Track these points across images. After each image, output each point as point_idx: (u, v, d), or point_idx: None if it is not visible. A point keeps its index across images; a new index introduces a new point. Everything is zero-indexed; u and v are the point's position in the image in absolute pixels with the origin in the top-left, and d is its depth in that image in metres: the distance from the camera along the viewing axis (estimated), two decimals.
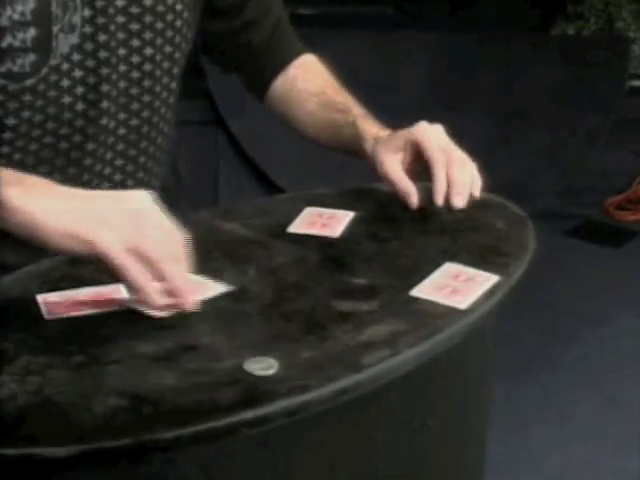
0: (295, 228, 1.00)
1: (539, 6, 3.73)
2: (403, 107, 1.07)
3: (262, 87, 1.23)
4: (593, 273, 2.77)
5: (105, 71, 1.00)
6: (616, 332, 2.46)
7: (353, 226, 1.00)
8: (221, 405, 0.67)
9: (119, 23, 1.00)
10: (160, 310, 0.78)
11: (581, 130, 3.34)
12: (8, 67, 0.93)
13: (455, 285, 0.86)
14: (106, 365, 0.72)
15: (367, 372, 0.71)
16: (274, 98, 1.22)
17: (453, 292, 0.85)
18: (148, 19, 1.02)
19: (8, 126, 0.97)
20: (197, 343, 0.74)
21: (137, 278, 0.76)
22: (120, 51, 1.01)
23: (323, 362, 0.72)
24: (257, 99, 1.25)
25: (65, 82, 0.98)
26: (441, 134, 1.03)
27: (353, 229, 1.00)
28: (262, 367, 0.71)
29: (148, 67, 1.04)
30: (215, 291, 0.84)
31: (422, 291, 0.85)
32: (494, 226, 0.98)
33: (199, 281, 0.84)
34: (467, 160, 1.01)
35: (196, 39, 1.13)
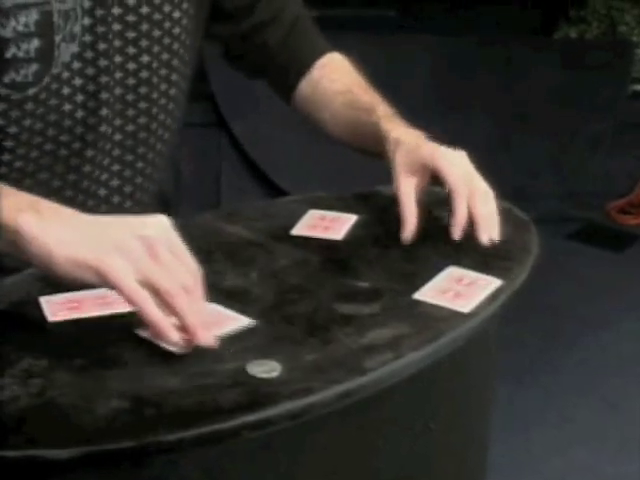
0: (298, 231, 1.00)
1: (541, 9, 3.74)
2: (404, 110, 1.06)
3: (288, 90, 1.20)
4: (595, 277, 2.77)
5: (104, 79, 1.00)
6: (618, 336, 2.46)
7: (356, 229, 1.00)
8: (224, 408, 0.67)
9: (115, 31, 1.00)
10: (175, 346, 0.74)
11: (583, 134, 3.34)
12: (12, 77, 0.94)
13: (458, 289, 0.86)
14: (108, 367, 0.72)
15: (370, 375, 0.71)
16: (300, 100, 1.19)
17: (456, 296, 0.85)
18: (144, 27, 1.02)
19: (10, 134, 0.97)
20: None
21: (150, 313, 0.73)
22: (116, 58, 1.01)
23: (326, 365, 0.72)
24: (285, 102, 1.22)
25: (65, 90, 0.98)
26: (465, 163, 0.98)
27: (356, 232, 1.00)
28: (265, 370, 0.71)
29: (144, 74, 1.04)
30: (234, 326, 0.78)
31: (425, 295, 0.85)
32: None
33: (218, 312, 0.79)
34: (490, 193, 0.97)
35: (201, 45, 1.13)
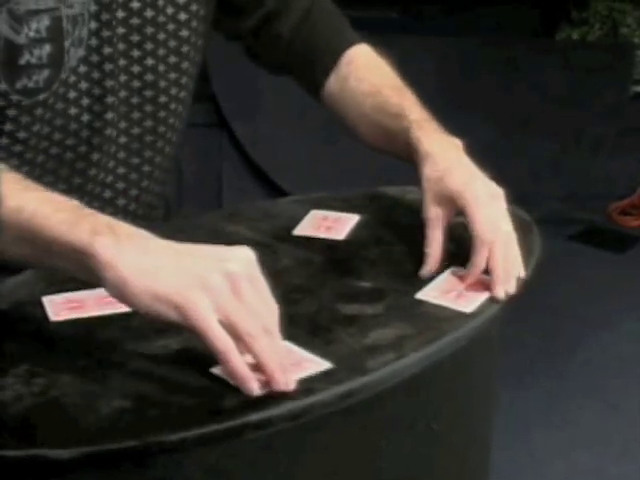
0: (300, 231, 1.00)
1: (543, 11, 3.74)
2: None
3: (315, 87, 1.13)
4: (596, 278, 2.76)
5: (109, 83, 1.00)
6: (619, 337, 2.45)
7: (358, 229, 1.00)
8: (226, 408, 0.67)
9: (120, 34, 0.99)
10: (250, 391, 0.69)
11: (585, 136, 3.34)
12: (24, 83, 0.93)
13: (460, 289, 0.86)
14: (111, 367, 0.72)
15: (372, 375, 0.71)
16: (328, 99, 1.13)
17: (458, 296, 0.85)
18: (149, 30, 1.02)
19: (19, 139, 0.97)
20: (202, 345, 0.74)
21: (234, 363, 0.68)
22: (121, 62, 1.01)
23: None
24: (315, 100, 1.15)
25: (72, 94, 0.98)
26: (494, 204, 0.91)
27: (358, 232, 1.00)
28: None
29: (150, 77, 1.04)
30: (311, 369, 0.72)
31: (427, 295, 0.85)
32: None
33: (294, 353, 0.74)
34: (513, 239, 0.89)
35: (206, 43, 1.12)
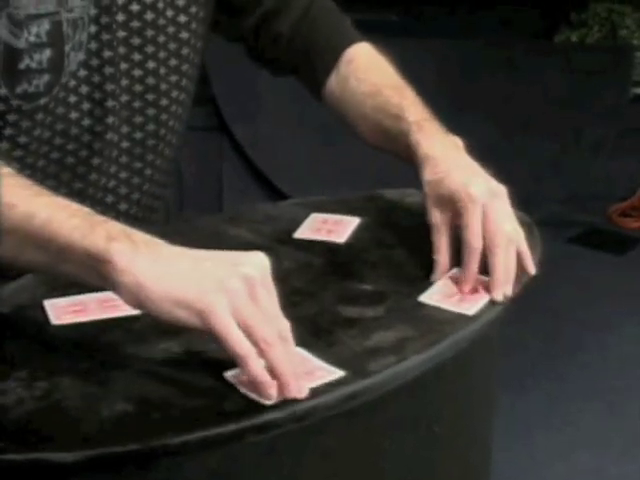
0: (301, 234, 1.00)
1: (543, 14, 3.74)
2: None
3: (317, 87, 1.13)
4: (596, 280, 2.77)
5: (110, 87, 1.00)
6: (620, 339, 2.46)
7: (359, 232, 1.00)
8: (229, 410, 0.67)
9: (120, 38, 0.99)
10: (269, 397, 0.68)
11: (585, 137, 3.35)
12: (24, 88, 0.93)
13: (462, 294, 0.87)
14: (113, 370, 0.72)
15: (374, 378, 0.71)
16: (329, 99, 1.12)
17: (461, 300, 0.85)
18: (149, 33, 1.01)
19: (20, 144, 0.96)
20: (204, 348, 0.74)
21: (254, 368, 0.68)
22: (122, 65, 1.00)
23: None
24: (317, 100, 1.15)
25: (72, 98, 0.98)
26: (494, 207, 0.89)
27: (359, 235, 1.00)
28: None
29: (151, 81, 1.04)
30: (324, 378, 0.71)
31: (430, 298, 0.86)
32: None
33: (307, 361, 0.74)
34: (512, 242, 0.88)
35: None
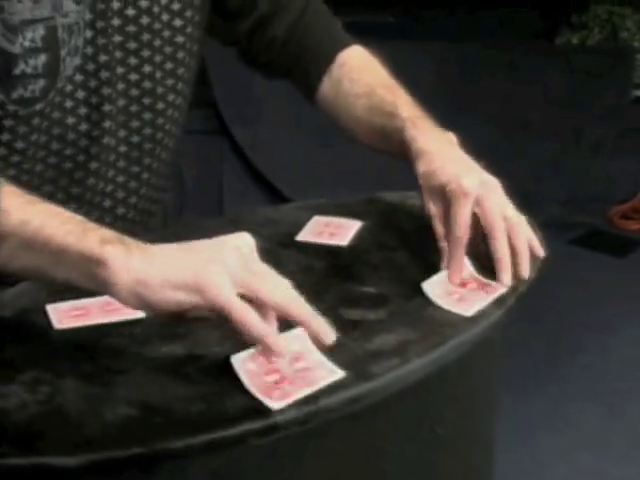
0: (303, 237, 1.00)
1: (543, 16, 3.74)
2: None
3: (310, 91, 1.14)
4: (598, 282, 2.77)
5: (107, 91, 1.00)
6: (621, 341, 2.46)
7: (361, 235, 1.00)
8: (231, 414, 0.67)
9: (116, 42, 0.99)
10: (281, 353, 0.71)
11: (585, 139, 3.35)
12: (20, 93, 0.93)
13: (462, 292, 0.87)
14: (116, 374, 0.73)
15: (377, 381, 0.72)
16: (323, 103, 1.13)
17: (460, 299, 0.85)
18: (145, 37, 1.01)
19: (17, 149, 0.96)
20: (207, 352, 0.75)
21: (257, 327, 0.70)
22: (118, 70, 1.00)
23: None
24: (311, 104, 1.15)
25: (69, 103, 0.98)
26: (500, 194, 0.92)
27: (360, 238, 1.00)
28: None
29: (148, 85, 1.04)
30: (326, 379, 0.71)
31: (433, 291, 0.86)
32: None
33: (311, 353, 0.74)
34: (522, 221, 0.91)
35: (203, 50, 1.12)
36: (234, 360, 0.72)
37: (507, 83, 3.32)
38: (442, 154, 0.95)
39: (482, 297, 0.86)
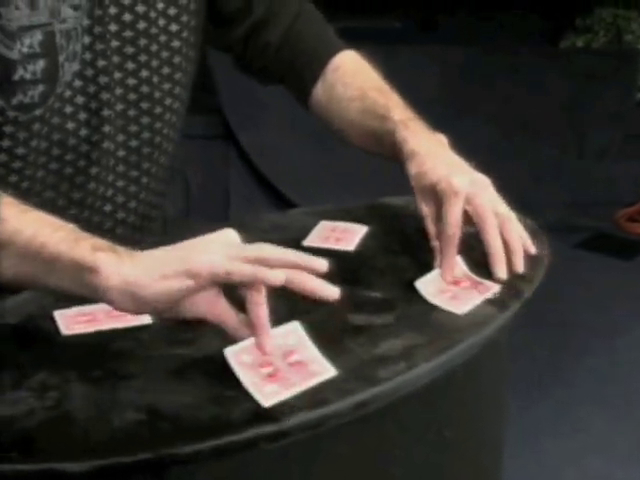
0: (310, 242, 1.00)
1: (548, 19, 3.75)
2: None
3: (304, 96, 1.15)
4: (604, 285, 2.76)
5: (105, 96, 1.01)
6: (628, 344, 2.45)
7: (366, 240, 1.00)
8: (240, 419, 0.67)
9: (114, 47, 1.00)
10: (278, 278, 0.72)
11: (590, 142, 3.35)
12: (19, 99, 0.94)
13: (455, 291, 0.87)
14: (124, 380, 0.73)
15: (384, 385, 0.72)
16: (316, 107, 1.14)
17: (453, 297, 0.86)
18: (142, 42, 1.02)
19: (18, 156, 0.97)
20: (215, 357, 0.75)
21: (249, 270, 0.71)
22: (116, 75, 1.01)
23: (339, 376, 0.72)
24: (305, 109, 1.17)
25: (68, 109, 0.99)
26: (491, 192, 0.93)
27: (366, 243, 1.00)
28: None
29: (145, 89, 1.04)
30: (320, 377, 0.72)
31: (426, 289, 0.87)
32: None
33: (305, 348, 0.75)
34: (513, 217, 0.93)
35: (205, 56, 1.13)
36: (228, 352, 0.73)
37: (511, 86, 3.32)
38: (433, 155, 0.96)
39: (475, 296, 0.86)
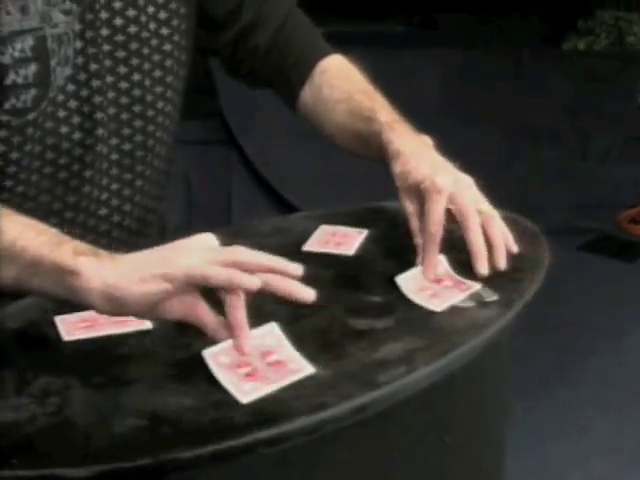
0: (310, 246, 1.00)
1: (550, 21, 3.75)
2: (415, 123, 1.06)
3: (292, 99, 1.17)
4: (608, 287, 2.76)
5: (98, 99, 1.01)
6: (632, 346, 2.45)
7: (367, 244, 1.01)
8: (239, 424, 0.67)
9: (105, 51, 1.01)
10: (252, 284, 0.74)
11: (592, 145, 3.34)
12: (12, 103, 0.95)
13: (436, 289, 0.88)
14: (125, 385, 0.73)
15: (384, 389, 0.72)
16: (303, 110, 1.16)
17: (433, 295, 0.86)
18: (134, 46, 1.03)
19: (12, 160, 0.98)
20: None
21: (225, 275, 0.73)
22: (108, 78, 1.02)
23: (339, 380, 0.73)
24: (292, 112, 1.18)
25: (61, 113, 0.99)
26: (474, 190, 0.95)
27: (367, 247, 1.00)
28: None
29: (137, 92, 1.05)
30: (299, 374, 0.73)
31: (407, 285, 0.88)
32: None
33: (282, 348, 0.77)
34: (496, 215, 0.94)
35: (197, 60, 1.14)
36: (206, 354, 0.74)
37: (513, 89, 3.32)
38: (417, 155, 0.97)
39: (455, 295, 0.87)
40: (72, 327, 0.82)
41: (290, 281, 0.76)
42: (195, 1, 1.10)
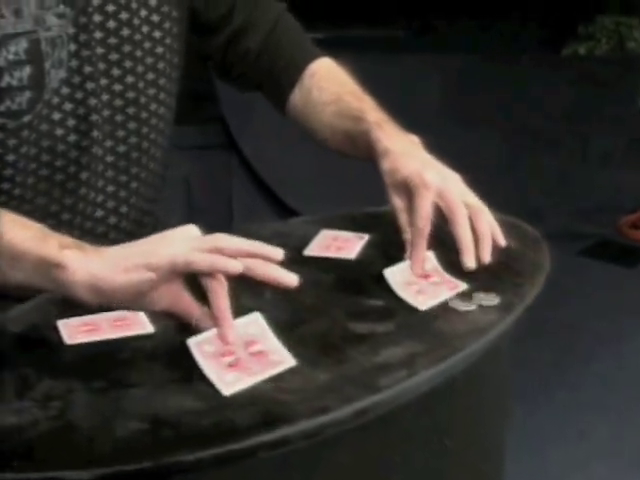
0: (311, 251, 1.01)
1: (550, 27, 3.75)
2: (414, 128, 1.06)
3: (282, 101, 1.18)
4: (608, 292, 2.76)
5: (92, 102, 1.02)
6: (632, 350, 2.45)
7: (368, 248, 1.01)
8: (240, 427, 0.67)
9: (99, 54, 1.02)
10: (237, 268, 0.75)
11: (593, 149, 3.34)
12: (7, 106, 0.96)
13: (423, 285, 0.88)
14: (127, 389, 0.73)
15: (384, 393, 0.72)
16: (293, 112, 1.17)
17: (419, 292, 0.87)
18: (127, 48, 1.04)
19: (8, 163, 0.99)
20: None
21: (208, 260, 0.75)
22: (102, 81, 1.03)
23: (340, 384, 0.73)
24: (282, 115, 1.20)
25: (56, 115, 1.00)
26: (461, 186, 0.96)
27: (368, 251, 1.00)
28: None
29: (131, 94, 1.06)
30: (281, 366, 0.75)
31: (394, 278, 0.89)
32: (508, 246, 0.97)
33: (267, 340, 0.78)
34: (484, 209, 0.95)
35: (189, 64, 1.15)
36: (190, 342, 0.76)
37: (514, 94, 3.32)
38: (405, 153, 0.99)
39: (441, 292, 0.87)
40: (74, 331, 0.82)
41: (272, 265, 0.77)
42: (187, 5, 1.12)
